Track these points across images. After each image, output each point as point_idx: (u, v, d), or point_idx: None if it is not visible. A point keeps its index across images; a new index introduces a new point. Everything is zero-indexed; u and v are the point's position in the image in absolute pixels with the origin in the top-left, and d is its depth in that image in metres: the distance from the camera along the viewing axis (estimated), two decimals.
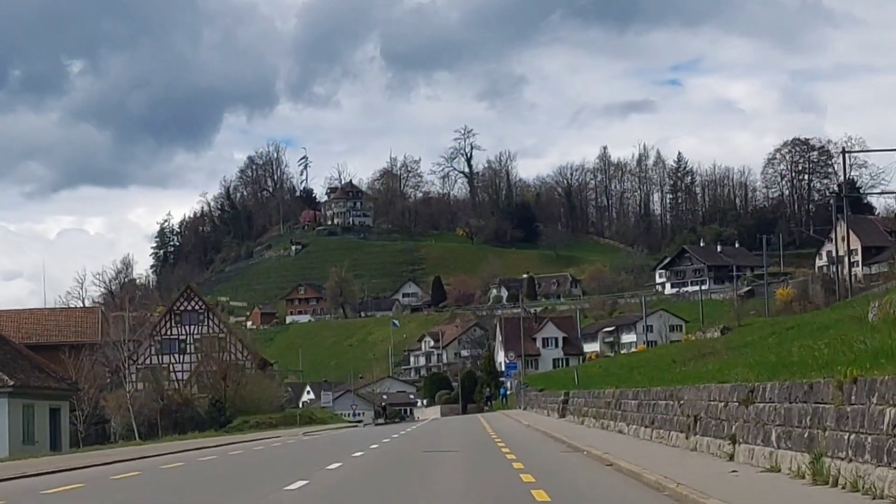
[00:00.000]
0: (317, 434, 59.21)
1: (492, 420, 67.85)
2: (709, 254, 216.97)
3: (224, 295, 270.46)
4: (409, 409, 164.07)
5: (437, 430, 58.69)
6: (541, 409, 68.48)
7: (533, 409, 75.31)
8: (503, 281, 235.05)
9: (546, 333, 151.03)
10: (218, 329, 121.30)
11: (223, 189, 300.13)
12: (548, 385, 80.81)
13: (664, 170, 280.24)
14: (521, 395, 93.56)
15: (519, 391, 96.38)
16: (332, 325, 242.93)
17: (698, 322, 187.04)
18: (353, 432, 59.57)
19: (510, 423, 59.74)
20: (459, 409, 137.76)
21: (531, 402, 79.13)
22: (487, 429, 51.85)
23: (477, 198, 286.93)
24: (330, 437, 51.23)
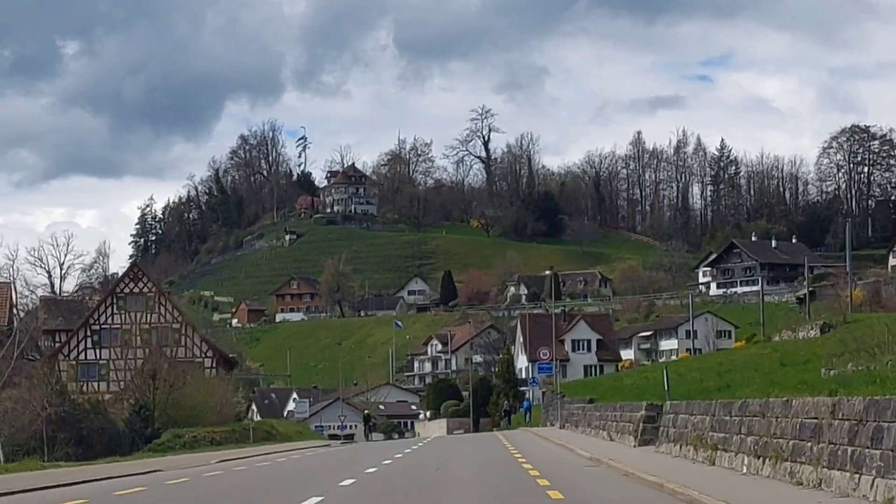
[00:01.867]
0: (217, 470, 38.66)
1: (520, 443, 47.51)
2: (762, 250, 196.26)
3: (208, 289, 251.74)
4: (410, 422, 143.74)
5: (440, 456, 38.43)
6: (594, 428, 47.96)
7: (577, 429, 54.79)
8: (522, 278, 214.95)
9: (577, 335, 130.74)
10: (171, 318, 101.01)
11: (212, 171, 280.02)
12: (596, 395, 60.40)
13: (705, 159, 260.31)
14: (553, 407, 73.07)
15: (551, 403, 75.88)
16: (326, 325, 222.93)
17: (750, 328, 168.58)
18: (293, 464, 38.84)
19: (553, 450, 39.31)
20: (470, 424, 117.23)
21: (573, 419, 58.69)
22: (522, 461, 31.52)
23: (494, 186, 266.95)
24: (204, 484, 30.50)
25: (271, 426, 71.69)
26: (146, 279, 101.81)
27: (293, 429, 78.79)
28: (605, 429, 43.58)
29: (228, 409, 72.77)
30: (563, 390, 78.60)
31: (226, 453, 51.31)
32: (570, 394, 67.62)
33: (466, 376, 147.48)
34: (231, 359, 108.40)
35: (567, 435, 51.46)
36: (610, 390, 58.36)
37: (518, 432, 68.93)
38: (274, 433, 69.70)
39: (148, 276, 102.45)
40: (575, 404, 59.23)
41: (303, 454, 49.91)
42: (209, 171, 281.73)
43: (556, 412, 69.76)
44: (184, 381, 68.46)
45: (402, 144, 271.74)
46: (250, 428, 66.08)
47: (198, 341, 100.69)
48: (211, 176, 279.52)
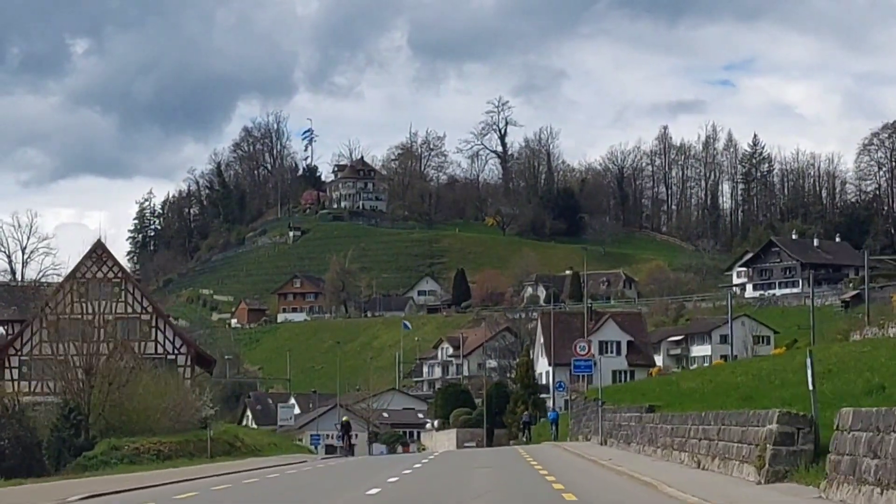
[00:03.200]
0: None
1: (557, 466, 33.88)
2: (803, 249, 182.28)
3: (208, 287, 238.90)
4: (416, 432, 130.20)
5: (448, 487, 24.93)
6: (661, 448, 34.32)
7: (629, 446, 41.22)
8: (541, 278, 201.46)
9: (605, 335, 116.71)
10: (141, 308, 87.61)
11: (213, 165, 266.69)
12: (647, 402, 46.66)
13: (735, 156, 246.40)
14: (587, 417, 59.73)
15: (583, 412, 62.51)
16: (330, 326, 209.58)
17: (789, 333, 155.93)
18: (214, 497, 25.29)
19: (621, 484, 25.60)
20: (483, 436, 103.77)
21: (620, 433, 45.16)
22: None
23: (511, 182, 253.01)
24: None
25: (235, 436, 58.01)
26: (111, 262, 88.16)
27: (266, 440, 65.10)
28: (687, 450, 29.83)
29: (190, 415, 59.19)
30: (588, 395, 64.96)
31: (156, 474, 37.87)
32: (608, 400, 54.03)
33: (479, 382, 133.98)
34: (208, 357, 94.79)
35: (620, 456, 37.73)
36: (666, 396, 44.64)
37: (545, 448, 55.28)
38: (238, 445, 56.14)
39: (114, 258, 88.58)
40: (623, 413, 45.54)
41: (262, 474, 36.57)
42: (210, 165, 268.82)
43: (593, 424, 56.13)
44: (127, 378, 54.83)
45: (414, 138, 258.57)
46: (208, 439, 52.52)
47: (171, 335, 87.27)
48: (212, 169, 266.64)
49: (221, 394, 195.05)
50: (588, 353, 50.91)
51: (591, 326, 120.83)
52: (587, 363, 50.69)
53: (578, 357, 50.88)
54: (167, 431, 55.85)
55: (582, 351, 50.76)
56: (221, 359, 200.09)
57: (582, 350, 50.75)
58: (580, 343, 51.55)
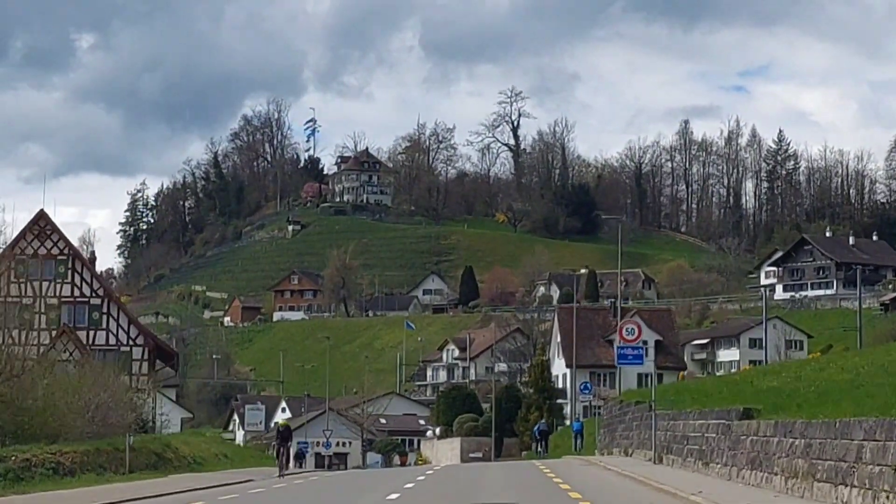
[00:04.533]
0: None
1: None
2: (837, 247, 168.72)
3: (201, 283, 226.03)
4: (417, 440, 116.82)
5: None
6: (778, 474, 20.95)
7: (708, 468, 27.98)
8: (554, 276, 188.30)
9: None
10: (91, 291, 74.45)
11: (210, 154, 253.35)
12: (711, 403, 33.45)
13: (759, 153, 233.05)
14: (628, 426, 46.57)
15: (618, 419, 49.29)
16: (328, 325, 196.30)
17: (824, 337, 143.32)
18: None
19: None
20: (491, 447, 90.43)
21: (682, 447, 31.96)
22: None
23: (523, 177, 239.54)
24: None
25: (167, 446, 44.57)
26: (57, 236, 74.88)
27: (213, 449, 51.46)
28: (862, 483, 16.49)
29: (118, 418, 45.86)
30: (625, 398, 51.54)
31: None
32: (661, 402, 40.72)
33: (487, 387, 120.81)
34: (170, 350, 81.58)
35: (709, 485, 24.38)
36: (746, 398, 31.17)
37: (574, 465, 41.95)
38: (169, 457, 42.89)
39: (60, 232, 75.30)
40: (691, 421, 32.12)
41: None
42: (207, 155, 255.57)
43: (637, 435, 42.93)
44: (23, 367, 41.51)
45: (422, 129, 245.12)
46: (126, 448, 39.31)
47: (125, 324, 74.07)
48: (209, 160, 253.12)
49: (210, 396, 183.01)
50: (637, 338, 37.43)
51: (614, 324, 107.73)
52: (636, 351, 37.25)
53: (625, 343, 37.42)
54: (92, 437, 42.71)
55: (630, 335, 37.24)
56: (210, 359, 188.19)
57: (630, 334, 37.22)
58: (628, 325, 37.90)
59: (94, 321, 73.38)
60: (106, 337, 73.28)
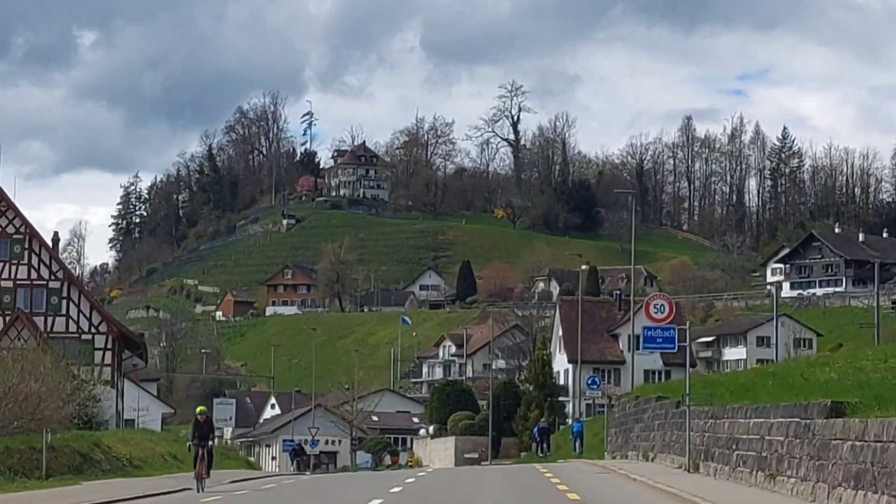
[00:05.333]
0: None
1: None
2: (847, 244, 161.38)
3: (193, 277, 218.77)
4: (410, 439, 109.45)
5: None
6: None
7: (772, 482, 20.53)
8: (554, 272, 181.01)
9: (637, 328, 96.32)
10: (49, 274, 67.05)
11: (204, 147, 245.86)
12: (747, 399, 26.14)
13: (763, 150, 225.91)
14: (648, 426, 39.13)
15: (641, 419, 41.87)
16: (322, 320, 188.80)
17: (833, 335, 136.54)
18: None
19: None
20: (488, 447, 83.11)
21: (732, 454, 24.47)
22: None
23: (523, 173, 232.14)
24: None
25: (95, 445, 36.81)
26: (13, 213, 67.45)
27: (161, 449, 43.44)
28: None
29: (52, 411, 38.34)
30: (641, 393, 44.06)
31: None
32: (701, 398, 33.42)
33: (484, 384, 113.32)
34: (136, 339, 74.08)
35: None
36: (797, 391, 23.71)
37: (588, 473, 34.56)
38: (98, 459, 35.32)
39: (16, 209, 67.88)
40: (744, 420, 24.64)
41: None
42: (201, 147, 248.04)
43: (662, 436, 35.59)
44: None
45: (420, 124, 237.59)
46: (44, 447, 31.91)
47: (87, 310, 66.67)
48: (203, 153, 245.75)
49: (199, 391, 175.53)
50: (669, 317, 29.88)
51: (620, 317, 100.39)
52: (667, 333, 29.76)
53: (654, 323, 29.92)
54: (18, 433, 35.23)
55: (659, 313, 29.72)
56: (199, 354, 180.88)
57: (659, 311, 29.69)
58: (656, 301, 30.29)
59: (53, 306, 66.15)
60: (66, 324, 66.05)
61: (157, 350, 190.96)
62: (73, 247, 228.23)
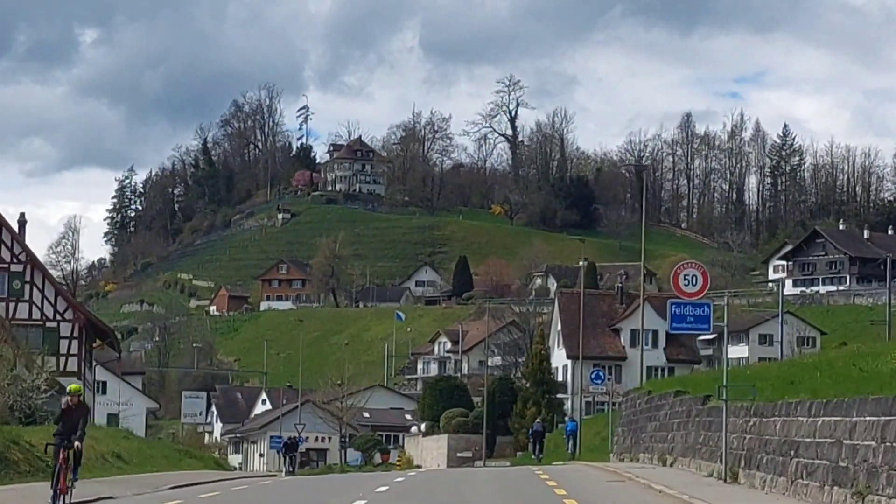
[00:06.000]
0: None
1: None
2: (851, 241, 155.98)
3: (188, 272, 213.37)
4: (403, 436, 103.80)
5: None
6: None
7: (863, 502, 14.66)
8: (551, 268, 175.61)
9: (639, 323, 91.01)
10: (12, 257, 61.52)
11: (199, 141, 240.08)
12: (791, 393, 20.53)
13: (763, 148, 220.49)
14: (666, 425, 33.39)
15: (656, 416, 36.18)
16: (317, 315, 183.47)
17: (837, 334, 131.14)
18: None
19: None
20: (482, 446, 77.61)
21: (790, 463, 18.78)
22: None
23: (521, 168, 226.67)
24: None
25: (12, 442, 30.59)
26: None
27: (105, 448, 37.17)
28: None
29: None
30: (653, 388, 38.49)
31: None
32: (706, 393, 28.03)
33: (480, 381, 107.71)
34: (105, 328, 68.44)
35: None
36: (857, 385, 18.15)
37: (599, 480, 28.94)
38: (13, 458, 29.35)
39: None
40: (796, 418, 19.02)
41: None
42: (196, 141, 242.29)
43: (682, 436, 30.10)
44: None
45: (418, 119, 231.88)
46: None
47: (51, 296, 61.13)
48: (198, 146, 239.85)
49: (191, 386, 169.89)
50: (702, 291, 24.06)
51: (622, 312, 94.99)
52: (700, 311, 24.00)
53: (684, 297, 24.22)
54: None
55: (690, 286, 23.87)
56: (191, 349, 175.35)
57: (690, 284, 23.85)
58: (686, 271, 24.40)
59: (15, 291, 60.62)
60: (29, 310, 60.62)
61: (149, 344, 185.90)
62: (67, 240, 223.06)
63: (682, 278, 24.53)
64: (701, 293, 24.46)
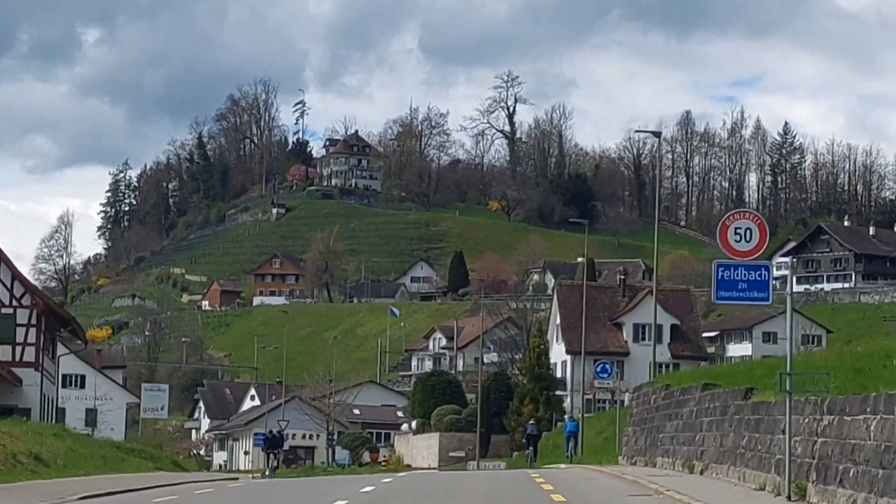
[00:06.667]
0: None
1: None
2: (857, 238, 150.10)
3: (181, 266, 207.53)
4: (394, 434, 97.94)
5: None
6: None
7: None
8: (549, 264, 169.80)
9: (643, 317, 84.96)
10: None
11: (194, 135, 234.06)
12: (853, 385, 14.38)
13: (763, 146, 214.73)
14: (692, 425, 27.17)
15: (678, 414, 29.91)
16: (310, 311, 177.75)
17: (842, 333, 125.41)
18: None
19: None
20: (476, 445, 71.70)
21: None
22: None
23: (518, 165, 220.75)
24: None
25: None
26: None
27: (23, 447, 31.44)
28: None
29: None
30: (672, 381, 32.49)
31: None
32: (757, 388, 22.08)
33: (475, 378, 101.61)
34: (65, 315, 62.38)
35: None
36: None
37: (624, 495, 22.81)
38: None
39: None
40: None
41: None
42: (192, 135, 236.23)
43: (716, 438, 24.04)
44: None
45: (415, 114, 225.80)
46: None
47: (7, 280, 55.15)
48: (194, 141, 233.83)
49: (181, 382, 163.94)
50: (759, 248, 17.78)
51: (624, 305, 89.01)
52: (757, 275, 17.71)
53: (734, 255, 17.80)
54: None
55: (742, 242, 17.34)
56: (179, 343, 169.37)
57: (743, 240, 17.31)
58: (738, 222, 17.81)
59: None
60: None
61: (140, 339, 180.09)
62: (59, 234, 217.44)
63: (731, 232, 18.41)
64: (757, 252, 18.44)
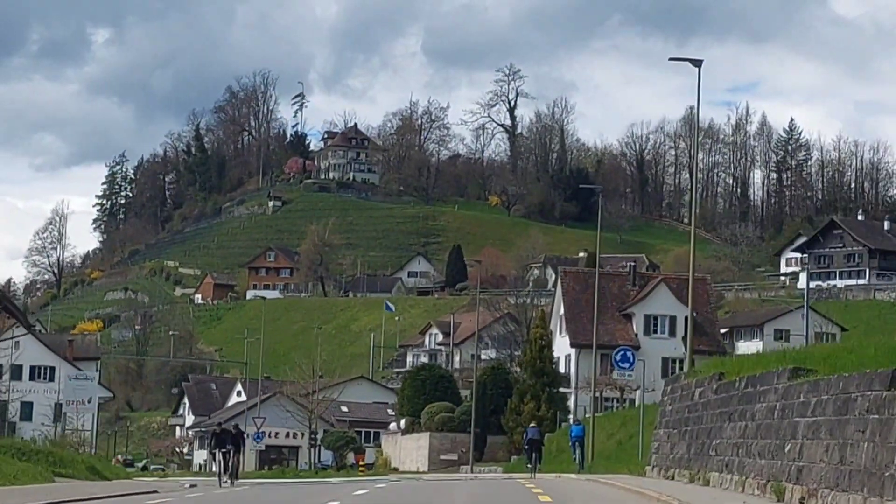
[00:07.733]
0: None
1: None
2: (871, 233, 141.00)
3: (175, 259, 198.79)
4: (379, 432, 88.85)
5: None
6: None
7: None
8: (549, 259, 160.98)
9: (654, 307, 75.84)
10: None
11: (192, 126, 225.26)
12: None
13: (769, 142, 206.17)
14: (742, 433, 17.46)
15: (729, 416, 20.25)
16: (304, 304, 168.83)
17: (857, 330, 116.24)
18: None
19: None
20: (470, 448, 62.57)
21: None
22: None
23: (519, 159, 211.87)
24: None
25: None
26: None
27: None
28: None
29: None
30: (726, 370, 23.47)
31: None
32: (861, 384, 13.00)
33: (471, 374, 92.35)
34: (14, 307, 53.47)
35: None
36: None
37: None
38: None
39: None
40: None
41: None
42: (189, 127, 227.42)
43: (821, 448, 14.37)
44: None
45: (414, 107, 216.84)
46: None
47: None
48: (191, 133, 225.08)
49: (169, 376, 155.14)
50: None
51: (635, 294, 79.77)
52: None
53: None
54: None
55: None
56: (167, 337, 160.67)
57: None
58: None
59: None
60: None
61: (130, 332, 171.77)
62: (53, 226, 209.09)
63: None
64: None
